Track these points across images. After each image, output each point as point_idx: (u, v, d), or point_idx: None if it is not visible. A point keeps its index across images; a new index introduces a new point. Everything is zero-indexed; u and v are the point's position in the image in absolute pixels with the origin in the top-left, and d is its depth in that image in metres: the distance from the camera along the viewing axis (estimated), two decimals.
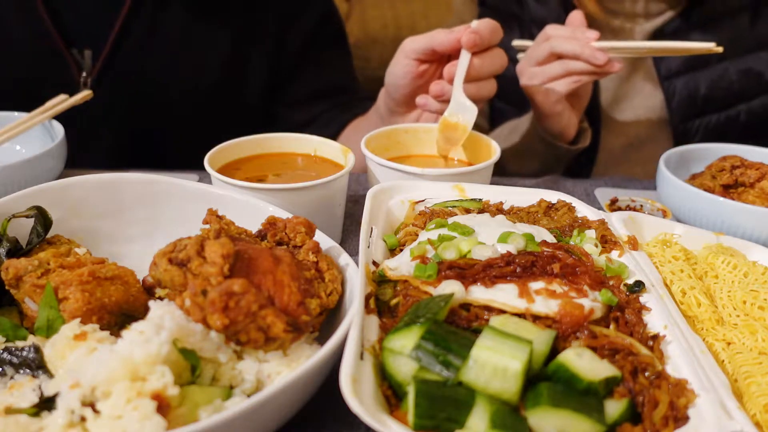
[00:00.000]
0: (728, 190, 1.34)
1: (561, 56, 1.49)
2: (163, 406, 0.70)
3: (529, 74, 1.55)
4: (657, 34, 1.77)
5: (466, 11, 1.95)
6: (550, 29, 1.52)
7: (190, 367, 0.77)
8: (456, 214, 1.05)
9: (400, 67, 1.44)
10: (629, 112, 1.85)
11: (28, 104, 1.47)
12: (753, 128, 1.81)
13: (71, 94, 1.50)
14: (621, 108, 1.86)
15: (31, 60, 1.71)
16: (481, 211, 1.07)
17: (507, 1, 1.87)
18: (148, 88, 1.77)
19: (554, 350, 0.76)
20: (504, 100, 1.92)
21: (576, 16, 1.53)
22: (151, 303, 0.80)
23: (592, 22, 1.78)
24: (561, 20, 1.72)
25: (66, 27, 1.69)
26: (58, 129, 1.44)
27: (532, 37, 1.80)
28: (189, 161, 1.50)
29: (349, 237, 1.28)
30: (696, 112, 1.80)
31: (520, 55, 1.72)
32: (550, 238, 0.97)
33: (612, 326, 0.83)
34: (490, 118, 2.01)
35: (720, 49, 1.43)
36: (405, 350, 0.74)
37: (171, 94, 1.79)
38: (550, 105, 1.54)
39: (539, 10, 1.84)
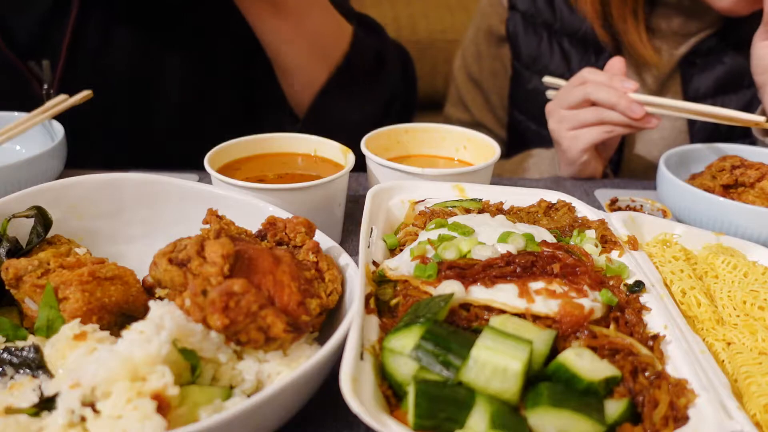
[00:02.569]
0: (728, 190, 1.34)
1: (595, 103, 1.44)
2: (163, 406, 0.70)
3: (558, 117, 1.50)
4: (690, 55, 1.68)
5: (493, 13, 1.86)
6: (587, 73, 1.45)
7: (190, 367, 0.77)
8: (456, 214, 1.05)
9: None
10: (655, 133, 1.75)
11: None
12: None
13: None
14: (647, 131, 1.75)
15: None
16: (481, 211, 1.07)
17: (540, 8, 1.77)
18: (116, 94, 1.70)
19: (554, 350, 0.76)
20: (524, 113, 1.85)
21: (616, 63, 1.47)
22: (151, 303, 0.80)
23: (621, 43, 1.68)
24: (592, 34, 1.65)
25: (18, 40, 1.62)
26: (58, 129, 1.44)
27: (561, 47, 1.74)
28: (189, 161, 1.50)
29: (349, 237, 1.28)
30: (720, 138, 1.67)
31: (550, 93, 1.65)
32: (550, 238, 0.97)
33: (612, 326, 0.83)
34: (508, 127, 1.94)
35: (767, 125, 1.38)
36: (405, 350, 0.74)
37: (138, 98, 1.73)
38: (577, 152, 1.49)
39: (573, 20, 1.74)
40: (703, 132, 1.74)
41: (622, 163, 1.79)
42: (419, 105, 2.06)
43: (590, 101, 1.44)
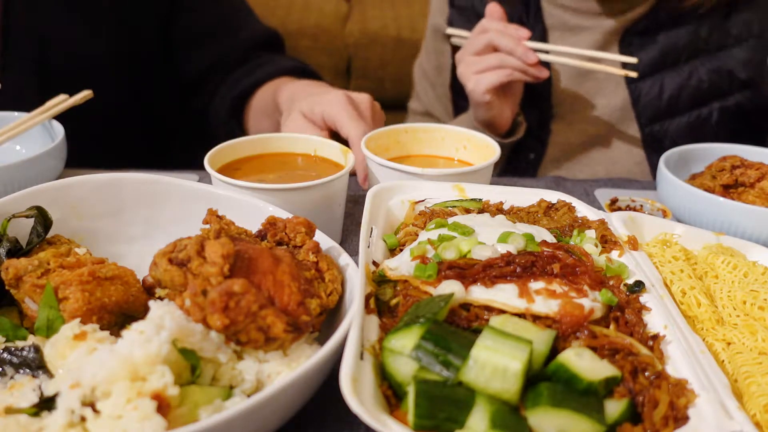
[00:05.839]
0: (728, 190, 1.34)
1: (497, 49, 1.59)
2: (163, 406, 0.70)
3: (466, 62, 1.65)
4: (625, 33, 1.75)
5: (438, 12, 2.00)
6: (486, 22, 1.62)
7: (190, 367, 0.77)
8: (456, 214, 1.05)
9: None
10: (590, 110, 1.84)
11: None
12: (727, 128, 1.77)
13: None
14: (581, 105, 1.85)
15: None
16: (481, 211, 1.07)
17: (474, 2, 1.91)
18: (55, 60, 1.75)
19: (554, 350, 0.76)
20: (465, 99, 1.94)
21: (495, 9, 1.63)
22: (151, 303, 0.80)
23: (548, 18, 1.80)
24: (522, 18, 1.79)
25: None
26: (58, 129, 1.44)
27: None
28: (189, 161, 1.50)
29: (349, 237, 1.28)
30: (665, 112, 1.78)
31: (454, 40, 1.82)
32: (550, 238, 0.97)
33: (612, 326, 0.83)
34: (454, 115, 2.05)
35: (634, 74, 1.56)
36: (405, 350, 0.74)
37: (76, 72, 1.77)
38: (481, 93, 1.62)
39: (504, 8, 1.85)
40: (650, 110, 1.79)
41: (551, 136, 1.89)
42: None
43: (492, 47, 1.61)
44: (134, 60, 1.89)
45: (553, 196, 1.12)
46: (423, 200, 1.11)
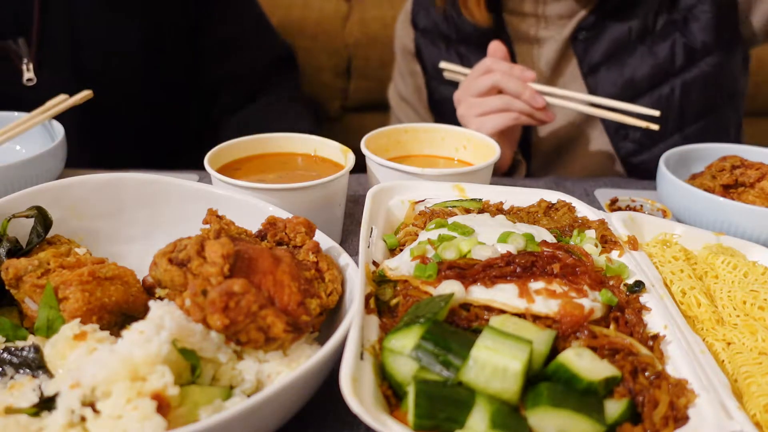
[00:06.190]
0: (728, 190, 1.34)
1: (501, 91, 1.52)
2: (163, 406, 0.70)
3: (467, 104, 1.57)
4: (576, 33, 1.71)
5: (405, 34, 1.97)
6: (490, 62, 1.54)
7: (190, 367, 0.77)
8: (456, 214, 1.05)
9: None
10: (558, 112, 1.79)
11: None
12: (692, 101, 1.72)
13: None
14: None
15: None
16: (481, 211, 1.07)
17: (437, 22, 1.86)
18: (88, 66, 1.83)
19: (554, 350, 0.76)
20: (443, 119, 1.89)
21: (498, 48, 1.56)
22: (151, 303, 0.80)
23: (501, 29, 1.76)
24: (487, 36, 1.73)
25: None
26: (58, 129, 1.45)
27: (459, 55, 1.82)
28: (189, 161, 1.50)
29: (349, 237, 1.28)
30: (624, 99, 1.67)
31: (447, 75, 1.74)
32: (550, 238, 0.97)
33: (612, 326, 0.83)
34: None
35: (656, 127, 1.49)
36: (405, 350, 0.74)
37: (106, 71, 1.86)
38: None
39: (464, 26, 1.80)
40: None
41: (532, 147, 1.86)
42: None
43: (497, 89, 1.53)
44: (161, 60, 1.95)
45: (553, 196, 1.12)
46: (423, 200, 1.11)
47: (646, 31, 1.70)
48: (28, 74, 1.73)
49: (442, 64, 1.74)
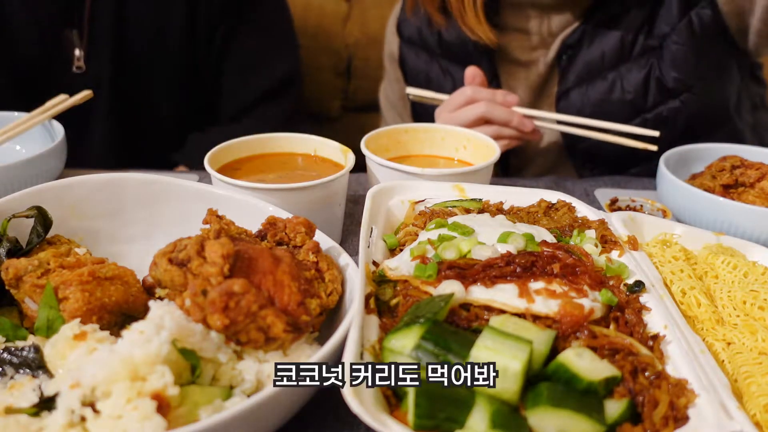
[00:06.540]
0: (728, 190, 1.34)
1: (490, 121, 1.52)
2: (163, 406, 0.70)
3: None
4: (562, 50, 1.67)
5: (393, 40, 1.96)
6: (472, 92, 1.53)
7: (190, 367, 0.77)
8: (456, 214, 1.05)
9: None
10: (535, 144, 1.77)
11: (34, 90, 1.68)
12: (673, 132, 1.63)
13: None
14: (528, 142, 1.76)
15: (36, 42, 1.84)
16: (481, 211, 1.07)
17: (421, 32, 1.84)
18: (131, 56, 1.91)
19: (554, 350, 0.76)
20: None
21: (476, 73, 1.55)
22: (151, 303, 0.80)
23: (498, 56, 1.72)
24: (470, 49, 1.71)
25: (46, 12, 1.85)
26: (58, 129, 1.44)
27: (441, 68, 1.81)
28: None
29: (349, 237, 1.28)
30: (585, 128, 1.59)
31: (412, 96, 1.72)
32: (550, 238, 0.97)
33: (612, 326, 0.83)
34: None
35: (654, 148, 1.47)
36: (405, 350, 0.74)
37: (148, 63, 1.94)
38: None
39: (449, 37, 1.77)
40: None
41: (510, 158, 1.85)
42: None
43: (485, 119, 1.52)
44: (197, 56, 1.99)
45: (553, 196, 1.12)
46: (423, 200, 1.11)
47: (623, 55, 1.63)
48: (78, 63, 1.83)
49: (409, 90, 1.71)
